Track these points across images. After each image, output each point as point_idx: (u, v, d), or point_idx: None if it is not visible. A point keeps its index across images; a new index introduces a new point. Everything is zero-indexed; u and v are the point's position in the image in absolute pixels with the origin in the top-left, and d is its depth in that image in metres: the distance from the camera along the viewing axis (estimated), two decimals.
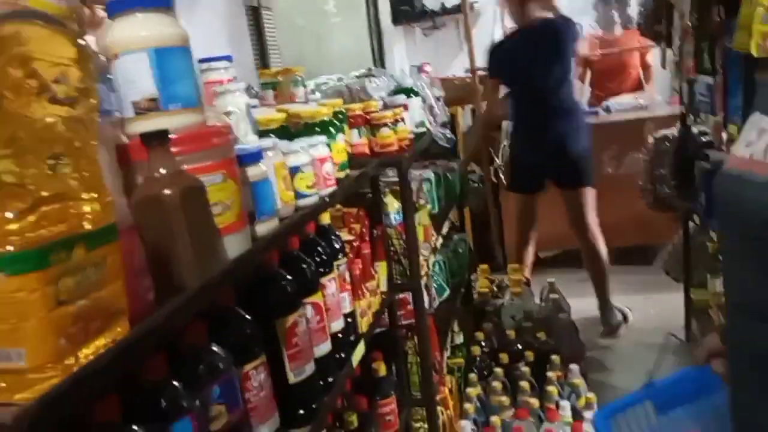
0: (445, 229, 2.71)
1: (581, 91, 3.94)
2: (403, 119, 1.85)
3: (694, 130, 2.42)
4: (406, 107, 1.93)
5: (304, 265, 1.13)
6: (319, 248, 1.23)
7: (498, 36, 3.77)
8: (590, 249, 2.98)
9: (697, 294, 2.63)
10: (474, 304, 3.00)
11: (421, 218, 1.95)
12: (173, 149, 0.88)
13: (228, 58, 1.46)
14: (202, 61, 1.41)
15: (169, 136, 0.83)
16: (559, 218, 3.10)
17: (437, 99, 2.44)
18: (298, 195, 1.22)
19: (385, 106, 1.87)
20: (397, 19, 4.60)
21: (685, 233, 2.72)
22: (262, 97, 1.79)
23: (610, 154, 3.47)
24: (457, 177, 2.81)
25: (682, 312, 2.86)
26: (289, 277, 1.07)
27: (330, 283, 1.23)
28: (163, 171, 0.78)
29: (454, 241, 2.81)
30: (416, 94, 2.05)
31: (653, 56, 3.62)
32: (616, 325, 3.05)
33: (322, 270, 1.21)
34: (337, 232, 1.40)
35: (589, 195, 2.92)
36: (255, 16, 3.93)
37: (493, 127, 3.22)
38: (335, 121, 1.45)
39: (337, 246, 1.30)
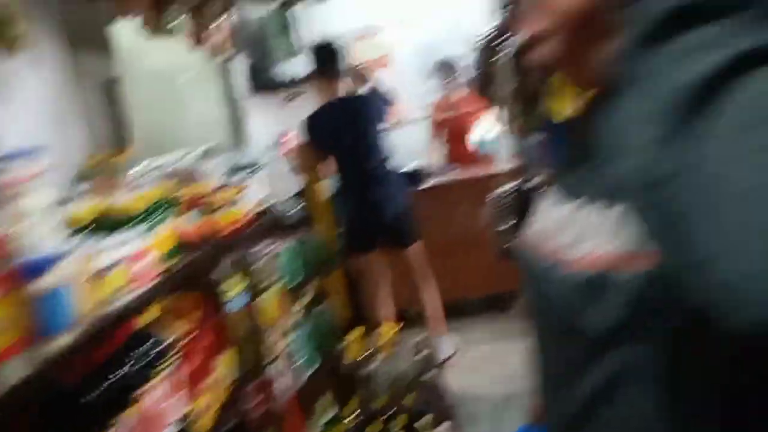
0: (308, 299, 2.66)
1: (436, 151, 4.14)
2: (243, 197, 1.81)
3: (530, 184, 2.60)
4: (247, 184, 1.90)
5: (110, 381, 1.03)
6: (135, 354, 1.14)
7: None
8: (427, 298, 3.15)
9: None
10: (346, 371, 2.95)
11: (272, 296, 1.90)
12: None
13: (36, 151, 1.36)
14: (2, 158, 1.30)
15: None
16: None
17: (288, 170, 2.44)
18: (110, 297, 1.14)
19: (224, 186, 1.83)
20: (255, 88, 4.59)
21: None
22: (85, 187, 1.68)
23: (464, 210, 3.64)
24: (318, 245, 2.80)
25: None
26: (90, 397, 0.97)
27: (151, 392, 1.14)
28: None
29: (319, 311, 2.77)
30: (259, 169, 2.03)
31: (491, 116, 3.88)
32: (444, 358, 3.21)
33: (139, 378, 1.12)
34: (161, 331, 1.31)
35: (417, 251, 3.08)
36: (106, 90, 3.75)
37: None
38: (161, 208, 1.38)
39: (159, 348, 1.21)
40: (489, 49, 3.01)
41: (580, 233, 0.58)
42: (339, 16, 4.54)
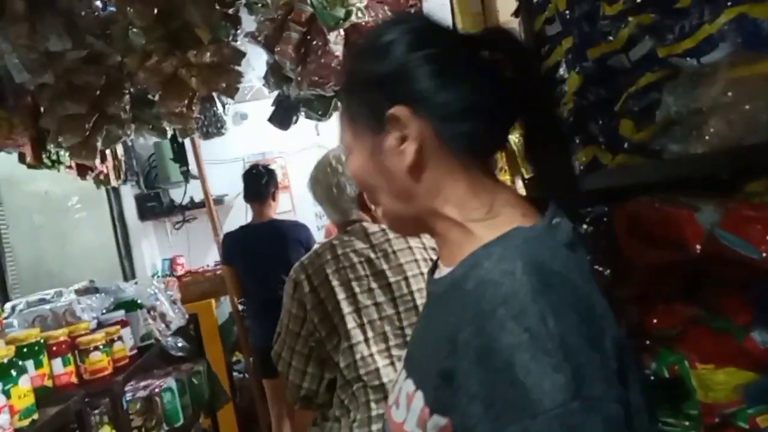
0: None
1: None
2: (120, 338, 1.74)
3: None
4: (125, 323, 1.83)
5: None
6: None
7: None
8: None
9: None
10: None
11: None
12: None
13: None
14: None
15: None
16: None
17: (173, 303, 2.37)
18: None
19: (99, 326, 1.76)
20: (144, 215, 4.52)
21: None
22: None
23: None
24: (205, 378, 2.67)
25: None
26: None
27: None
28: None
29: None
30: (140, 306, 1.96)
31: None
32: None
33: None
34: None
35: None
36: None
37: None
38: (17, 360, 1.30)
39: None
40: None
41: (396, 396, 0.68)
42: (237, 144, 4.60)
